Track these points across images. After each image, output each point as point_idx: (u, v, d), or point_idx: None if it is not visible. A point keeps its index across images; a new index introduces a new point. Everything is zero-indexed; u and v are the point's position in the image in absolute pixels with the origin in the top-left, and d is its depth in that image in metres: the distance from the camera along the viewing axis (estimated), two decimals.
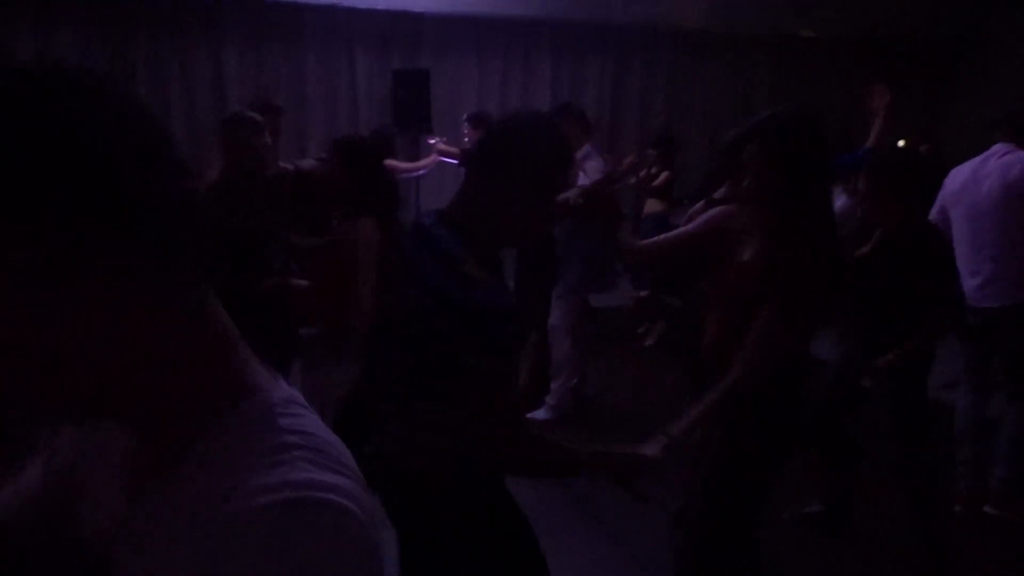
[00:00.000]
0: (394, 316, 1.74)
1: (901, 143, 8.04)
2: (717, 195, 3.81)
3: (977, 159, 3.58)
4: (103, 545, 0.62)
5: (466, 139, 5.17)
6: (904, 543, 3.03)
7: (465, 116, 5.40)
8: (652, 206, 5.86)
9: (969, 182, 3.53)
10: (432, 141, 5.66)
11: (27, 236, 0.50)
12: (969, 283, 3.46)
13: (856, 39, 8.23)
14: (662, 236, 2.55)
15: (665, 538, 2.60)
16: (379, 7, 6.47)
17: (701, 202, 3.95)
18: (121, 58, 6.20)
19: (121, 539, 0.61)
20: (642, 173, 5.67)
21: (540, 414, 4.40)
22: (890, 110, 3.93)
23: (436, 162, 5.63)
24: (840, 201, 4.38)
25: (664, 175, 5.76)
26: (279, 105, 4.86)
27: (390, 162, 5.41)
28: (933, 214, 3.58)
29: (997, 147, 3.53)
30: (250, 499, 0.54)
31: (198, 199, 0.60)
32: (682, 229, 2.55)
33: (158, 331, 0.57)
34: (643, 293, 4.52)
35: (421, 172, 5.72)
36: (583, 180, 4.06)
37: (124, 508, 0.62)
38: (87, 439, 0.71)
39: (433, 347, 1.59)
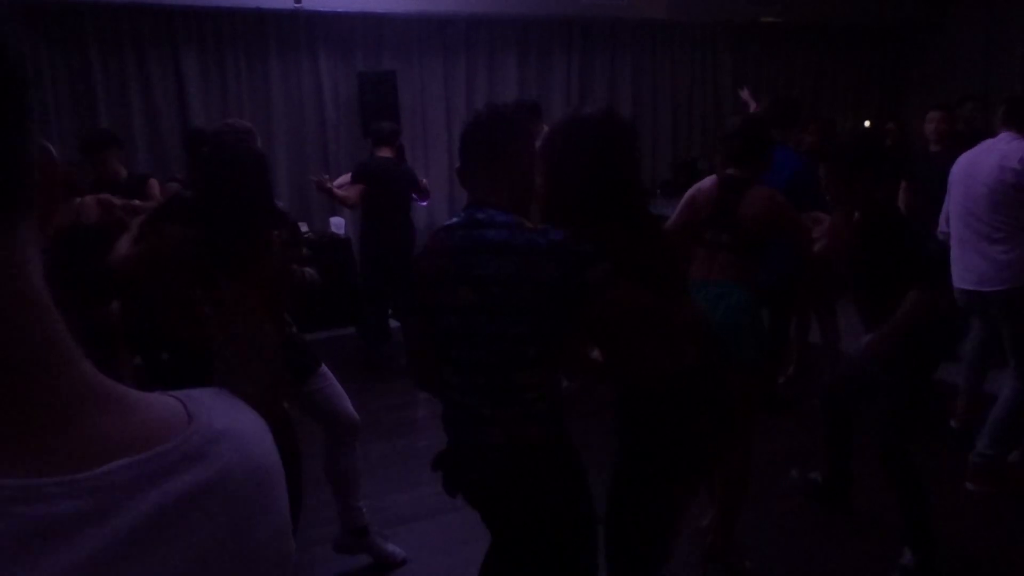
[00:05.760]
0: (469, 304, 1.81)
1: (867, 123, 8.15)
2: None
3: (982, 145, 3.64)
4: None
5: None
6: (895, 520, 3.04)
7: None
8: None
9: (971, 165, 3.61)
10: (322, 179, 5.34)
11: None
12: (961, 264, 3.57)
13: (816, 23, 8.33)
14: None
15: None
16: (340, 10, 6.40)
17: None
18: (79, 74, 6.09)
19: None
20: None
21: None
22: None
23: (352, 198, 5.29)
24: None
25: None
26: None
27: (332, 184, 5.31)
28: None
29: (1002, 135, 3.56)
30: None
31: None
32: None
33: None
34: None
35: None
36: None
37: None
38: None
39: (535, 304, 1.74)
